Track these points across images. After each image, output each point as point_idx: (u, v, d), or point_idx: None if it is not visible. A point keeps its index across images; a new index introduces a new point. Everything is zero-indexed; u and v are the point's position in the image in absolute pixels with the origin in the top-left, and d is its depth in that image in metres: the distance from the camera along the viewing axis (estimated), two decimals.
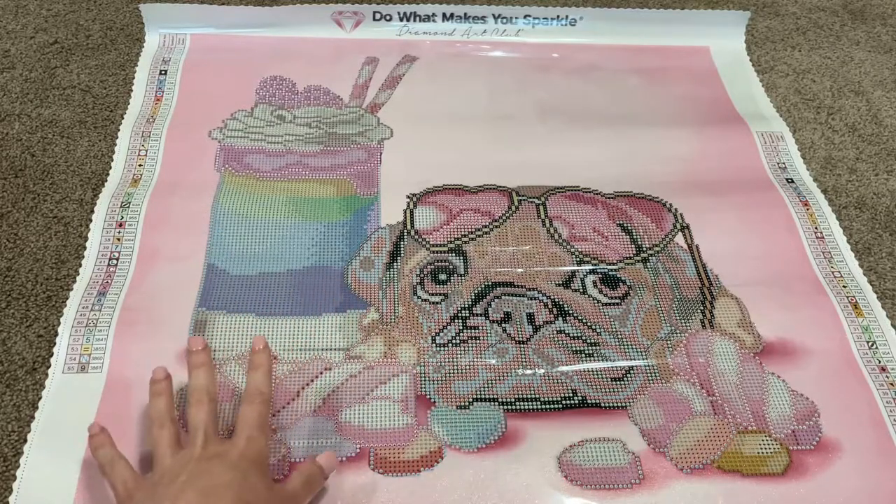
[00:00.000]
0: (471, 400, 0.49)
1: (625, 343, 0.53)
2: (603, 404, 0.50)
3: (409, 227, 0.59)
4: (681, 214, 0.61)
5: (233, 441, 0.41)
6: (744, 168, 0.66)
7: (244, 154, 0.64)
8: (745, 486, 0.46)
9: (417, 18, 0.76)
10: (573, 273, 0.56)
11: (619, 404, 0.50)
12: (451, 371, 0.51)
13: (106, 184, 0.61)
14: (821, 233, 0.61)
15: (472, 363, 0.51)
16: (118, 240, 0.57)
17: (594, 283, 0.56)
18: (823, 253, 0.60)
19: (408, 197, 0.61)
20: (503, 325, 0.53)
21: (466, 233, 0.58)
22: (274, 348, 0.51)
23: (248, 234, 0.58)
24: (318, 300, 0.54)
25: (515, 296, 0.55)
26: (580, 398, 0.50)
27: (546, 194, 0.62)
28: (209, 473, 0.39)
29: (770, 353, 0.53)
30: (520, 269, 0.56)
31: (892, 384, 0.52)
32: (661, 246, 0.59)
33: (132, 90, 0.69)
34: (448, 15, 0.76)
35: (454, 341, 0.52)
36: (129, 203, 0.59)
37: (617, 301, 0.55)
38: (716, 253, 0.59)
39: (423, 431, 0.48)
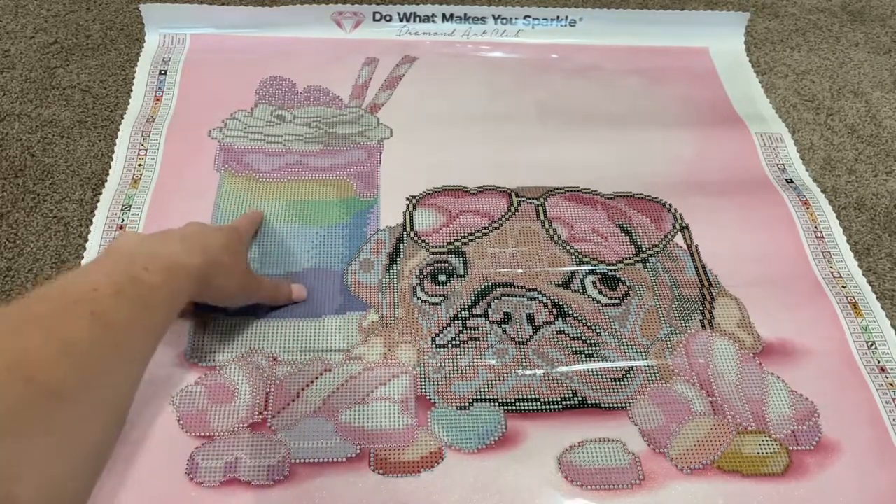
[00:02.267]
0: (471, 400, 0.49)
1: (624, 343, 0.53)
2: (603, 405, 0.50)
3: (408, 228, 0.59)
4: (680, 215, 0.61)
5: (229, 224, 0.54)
6: (743, 169, 0.66)
7: (244, 154, 0.64)
8: (745, 486, 0.46)
9: (417, 19, 0.76)
10: (573, 273, 0.56)
11: (619, 405, 0.50)
12: (451, 372, 0.51)
13: (106, 184, 0.61)
14: (820, 232, 0.61)
15: (471, 364, 0.51)
16: None
17: (594, 283, 0.56)
18: (823, 253, 0.60)
19: (407, 199, 0.61)
20: (503, 325, 0.53)
21: (466, 234, 0.59)
22: (274, 350, 0.51)
23: None
24: (318, 302, 0.54)
25: (515, 296, 0.55)
26: (580, 399, 0.50)
27: (545, 195, 0.62)
28: (208, 227, 0.49)
29: (770, 354, 0.53)
30: (519, 270, 0.56)
31: (891, 384, 0.52)
32: (661, 246, 0.59)
33: (132, 90, 0.69)
34: (448, 15, 0.76)
35: (454, 342, 0.52)
36: (130, 206, 0.59)
37: (617, 301, 0.55)
38: (715, 253, 0.59)
39: (423, 432, 0.48)
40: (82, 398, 0.32)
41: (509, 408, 0.49)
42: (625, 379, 0.51)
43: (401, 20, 0.76)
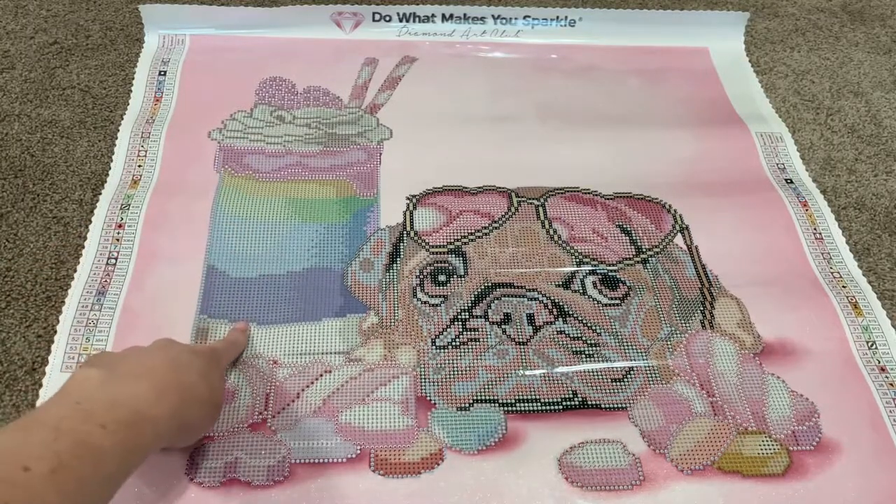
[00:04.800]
0: (471, 401, 0.49)
1: (625, 344, 0.53)
2: (603, 405, 0.50)
3: (408, 228, 0.59)
4: (680, 216, 0.61)
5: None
6: (743, 169, 0.66)
7: (243, 154, 0.64)
8: (745, 486, 0.46)
9: (417, 19, 0.76)
10: (573, 274, 0.56)
11: (620, 405, 0.50)
12: (452, 372, 0.51)
13: (106, 184, 0.61)
14: (819, 234, 0.61)
15: (472, 364, 0.51)
16: (117, 240, 0.56)
17: (594, 283, 0.56)
18: (822, 254, 0.60)
19: (407, 198, 0.61)
20: (503, 326, 0.53)
21: (466, 234, 0.58)
22: (274, 353, 0.51)
23: (248, 235, 0.58)
24: (317, 304, 0.54)
25: (515, 297, 0.55)
26: (580, 399, 0.50)
27: (545, 195, 0.62)
28: (182, 350, 0.43)
29: (770, 354, 0.53)
30: (519, 270, 0.56)
31: (891, 384, 0.52)
32: (661, 247, 0.59)
33: (132, 90, 0.69)
34: (447, 16, 0.76)
35: (454, 343, 0.52)
36: (129, 205, 0.59)
37: (617, 302, 0.55)
38: (715, 254, 0.59)
39: (423, 433, 0.48)
40: None
41: (509, 408, 0.49)
42: (625, 379, 0.51)
43: (400, 20, 0.76)
